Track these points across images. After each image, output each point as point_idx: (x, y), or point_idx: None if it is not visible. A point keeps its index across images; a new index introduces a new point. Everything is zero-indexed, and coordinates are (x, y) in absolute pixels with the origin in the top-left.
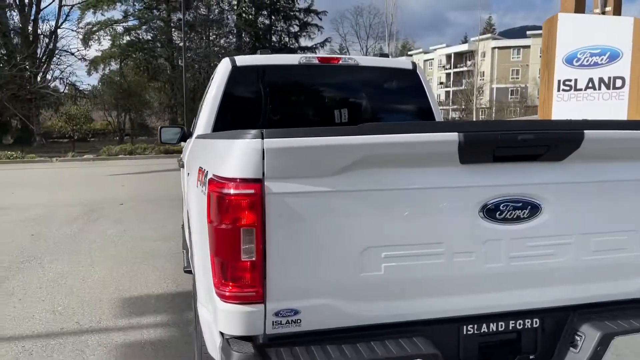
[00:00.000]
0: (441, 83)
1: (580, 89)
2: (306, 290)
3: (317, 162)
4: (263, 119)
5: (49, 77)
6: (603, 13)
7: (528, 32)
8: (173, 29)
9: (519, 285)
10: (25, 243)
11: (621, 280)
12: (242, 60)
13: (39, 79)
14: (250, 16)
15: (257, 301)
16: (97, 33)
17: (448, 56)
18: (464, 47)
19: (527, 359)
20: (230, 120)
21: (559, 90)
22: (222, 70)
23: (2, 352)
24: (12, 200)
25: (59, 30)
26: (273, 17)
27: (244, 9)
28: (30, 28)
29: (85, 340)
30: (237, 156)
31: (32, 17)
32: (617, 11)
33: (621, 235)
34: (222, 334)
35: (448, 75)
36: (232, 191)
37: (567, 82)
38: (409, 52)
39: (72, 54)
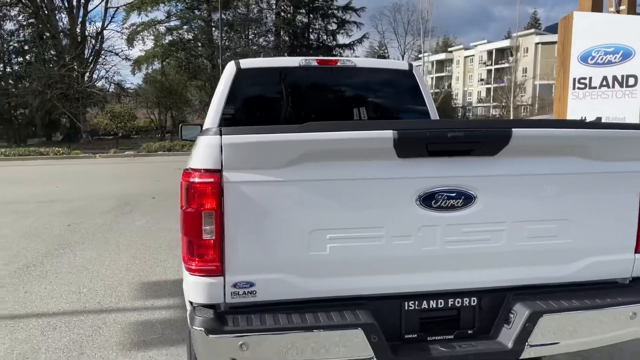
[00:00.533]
0: (481, 80)
1: (595, 87)
2: (260, 265)
3: (268, 156)
4: (264, 116)
5: (95, 76)
6: (618, 12)
7: None
8: (213, 29)
9: (456, 267)
10: (62, 232)
11: (555, 265)
12: (247, 63)
13: (85, 78)
14: (289, 15)
15: (217, 274)
16: (141, 33)
17: (489, 52)
18: (505, 43)
19: (465, 334)
20: (234, 117)
21: (574, 88)
22: (228, 72)
23: (31, 326)
24: (56, 193)
25: (104, 32)
26: (311, 16)
27: (282, 7)
28: (78, 30)
29: (104, 318)
30: (201, 150)
31: (79, 19)
32: (631, 10)
33: (552, 224)
34: (191, 302)
35: (489, 71)
36: (197, 180)
37: (582, 80)
38: (449, 49)
39: (117, 54)
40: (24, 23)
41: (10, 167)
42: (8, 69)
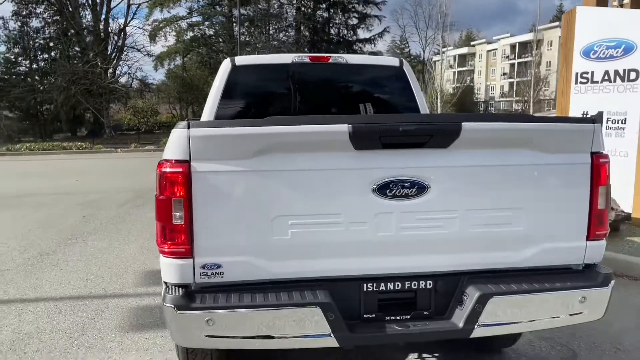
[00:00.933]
0: (504, 74)
1: (597, 82)
2: (227, 249)
3: (232, 147)
4: (258, 111)
5: (117, 72)
6: (621, 6)
7: None
8: (234, 24)
9: (411, 252)
10: (77, 223)
11: (507, 251)
12: (241, 60)
13: (109, 74)
14: (309, 9)
15: (187, 256)
16: (163, 29)
17: (512, 46)
18: (528, 37)
19: (422, 315)
20: (229, 112)
21: (576, 83)
22: (224, 68)
23: (38, 309)
24: (74, 186)
25: (127, 28)
26: (331, 10)
27: (302, 2)
28: (101, 26)
29: (107, 303)
30: (172, 142)
31: (103, 16)
32: (634, 4)
33: (504, 212)
34: (165, 283)
35: (512, 65)
36: (168, 169)
37: (584, 75)
38: (472, 43)
39: (139, 50)
40: (49, 20)
41: (34, 161)
42: (34, 66)
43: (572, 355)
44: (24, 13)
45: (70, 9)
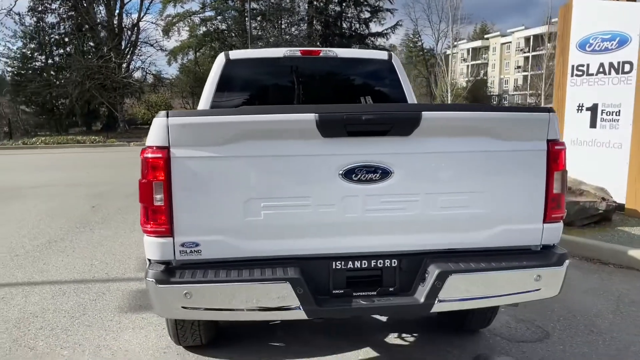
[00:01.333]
0: (518, 67)
1: (592, 74)
2: (204, 229)
3: (207, 135)
4: (251, 102)
5: (131, 67)
6: None
7: None
8: (247, 19)
9: (377, 232)
10: (85, 213)
11: (467, 232)
12: (235, 54)
13: (122, 69)
14: (321, 3)
15: (167, 235)
16: (176, 24)
17: (526, 39)
18: (543, 29)
19: (387, 291)
20: (223, 104)
21: (572, 75)
22: (219, 62)
23: (44, 291)
24: (85, 178)
25: (140, 23)
26: (344, 4)
27: None
28: (115, 22)
29: (108, 286)
30: (153, 130)
31: (116, 11)
32: None
33: (463, 196)
34: (149, 260)
35: (526, 58)
36: (150, 155)
37: (580, 67)
38: (485, 36)
39: (151, 45)
40: (64, 16)
41: (48, 154)
42: (49, 61)
43: (545, 335)
44: (40, 9)
45: (85, 4)
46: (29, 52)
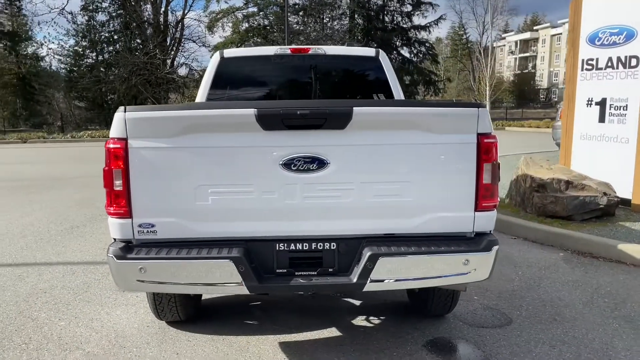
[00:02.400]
0: None
1: (601, 68)
2: (159, 211)
3: (160, 127)
4: (244, 98)
5: (175, 63)
6: None
7: None
8: (289, 14)
9: (315, 218)
10: None
11: (400, 218)
12: (229, 52)
13: (167, 65)
14: None
15: (127, 217)
16: (220, 21)
17: None
18: None
19: (327, 272)
20: (217, 98)
21: (582, 69)
22: (214, 60)
23: (56, 271)
24: None
25: (184, 20)
26: None
27: None
28: (160, 19)
29: None
30: (114, 123)
31: (162, 9)
32: None
33: (395, 185)
34: (114, 239)
35: None
36: (111, 145)
37: (589, 62)
38: (535, 27)
39: (194, 41)
40: (114, 14)
41: (92, 147)
42: (100, 58)
43: (507, 322)
44: (91, 7)
45: (132, 3)
46: (80, 50)
